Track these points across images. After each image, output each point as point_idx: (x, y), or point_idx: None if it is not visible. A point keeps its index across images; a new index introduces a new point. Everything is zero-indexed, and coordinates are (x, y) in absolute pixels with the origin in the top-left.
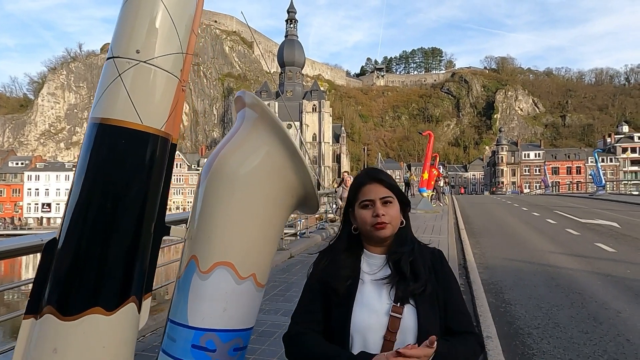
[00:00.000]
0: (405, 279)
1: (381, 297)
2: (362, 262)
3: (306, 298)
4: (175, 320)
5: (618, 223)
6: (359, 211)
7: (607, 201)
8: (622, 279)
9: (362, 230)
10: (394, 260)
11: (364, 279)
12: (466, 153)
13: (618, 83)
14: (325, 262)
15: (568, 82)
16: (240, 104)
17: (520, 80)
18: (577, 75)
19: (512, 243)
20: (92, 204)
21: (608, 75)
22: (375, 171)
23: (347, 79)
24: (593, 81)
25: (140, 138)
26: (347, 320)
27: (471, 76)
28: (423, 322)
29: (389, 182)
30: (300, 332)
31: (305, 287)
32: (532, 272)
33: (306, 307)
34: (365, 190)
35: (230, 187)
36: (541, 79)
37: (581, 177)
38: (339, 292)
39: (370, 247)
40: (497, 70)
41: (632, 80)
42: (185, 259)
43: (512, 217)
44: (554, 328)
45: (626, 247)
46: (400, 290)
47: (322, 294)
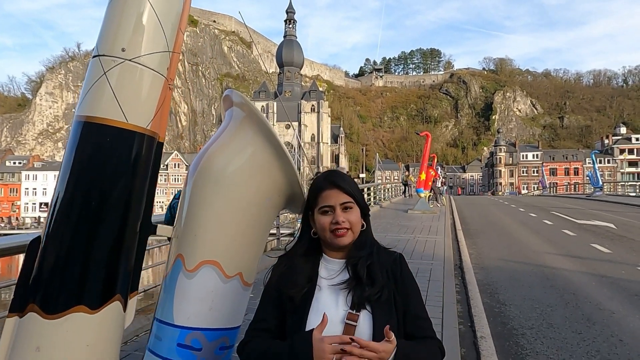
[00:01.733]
0: (362, 283)
1: (337, 303)
2: (320, 267)
3: (261, 307)
4: (161, 319)
5: (614, 224)
6: (318, 217)
7: (604, 202)
8: (616, 280)
9: (322, 235)
10: (352, 265)
11: (320, 285)
12: (464, 154)
13: (616, 85)
14: (283, 268)
15: (566, 84)
16: (227, 102)
17: (519, 81)
18: (575, 76)
19: (508, 244)
20: (77, 203)
21: (606, 76)
22: (335, 175)
23: (346, 80)
24: (591, 83)
25: (125, 136)
26: (301, 328)
27: (470, 77)
28: (378, 329)
29: (348, 189)
30: (248, 340)
31: (262, 296)
32: (527, 272)
33: (259, 315)
34: (324, 196)
35: (216, 186)
36: (539, 81)
37: (579, 179)
38: (295, 300)
39: (330, 252)
40: (495, 72)
41: (630, 82)
42: (172, 258)
43: (509, 218)
44: (547, 328)
45: (622, 248)
46: (356, 296)
47: (278, 301)
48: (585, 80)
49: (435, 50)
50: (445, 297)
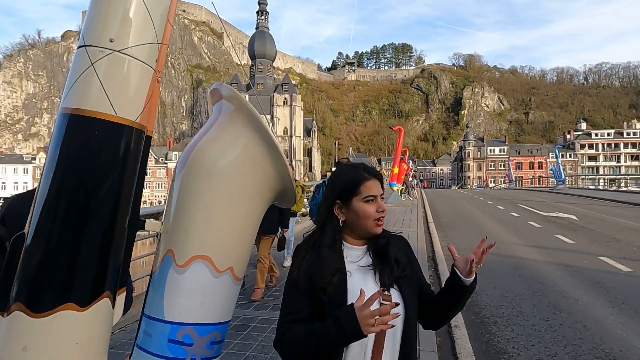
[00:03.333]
0: (390, 265)
1: (367, 284)
2: (345, 255)
3: (290, 300)
4: (150, 315)
5: (576, 216)
6: (362, 205)
7: (566, 195)
8: (579, 269)
9: (359, 224)
10: (375, 249)
11: (350, 271)
12: (435, 148)
13: (577, 82)
14: (309, 260)
15: (531, 80)
16: (216, 96)
17: (487, 77)
18: (540, 73)
19: (478, 236)
20: (64, 198)
21: (568, 74)
22: (371, 168)
23: (319, 73)
24: (555, 80)
25: (114, 130)
26: None
27: (440, 72)
28: (408, 304)
29: (382, 180)
30: (285, 331)
31: (289, 289)
32: (497, 263)
33: (290, 307)
34: (369, 186)
35: (207, 180)
36: (506, 77)
37: (543, 172)
38: (328, 290)
39: (353, 239)
40: (464, 68)
41: (590, 80)
42: (161, 253)
43: (478, 211)
44: (517, 316)
45: (583, 238)
46: (385, 276)
47: (309, 293)
48: (549, 77)
49: (407, 45)
50: None
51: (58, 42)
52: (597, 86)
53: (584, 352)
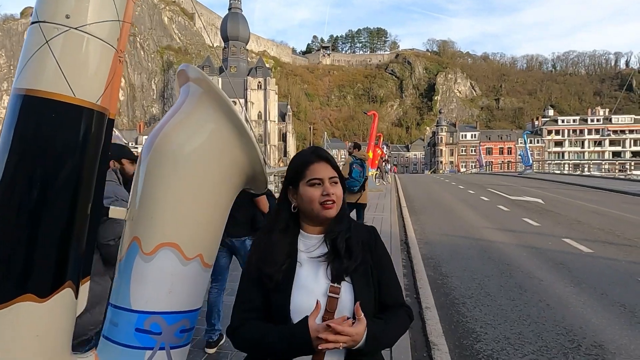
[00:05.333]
0: (341, 256)
1: (317, 276)
2: (299, 242)
3: (243, 286)
4: (117, 305)
5: (543, 199)
6: (307, 189)
7: (533, 179)
8: (544, 251)
9: (306, 209)
10: (331, 239)
11: (301, 261)
12: (408, 133)
13: (546, 69)
14: (263, 246)
15: (502, 67)
16: (183, 78)
17: (460, 63)
18: (511, 60)
19: (449, 219)
20: (19, 185)
21: (537, 61)
22: (322, 150)
23: (293, 57)
24: (524, 67)
25: (73, 112)
26: (286, 304)
27: (414, 58)
28: (359, 299)
29: (335, 163)
30: (239, 324)
31: (243, 275)
32: (467, 246)
33: (243, 296)
34: (314, 169)
35: (174, 165)
36: (478, 63)
37: (512, 157)
38: (274, 278)
39: (308, 227)
40: (438, 53)
41: (558, 67)
42: (127, 241)
43: (449, 195)
44: (485, 297)
45: (549, 221)
46: (335, 268)
47: (259, 281)
48: (519, 64)
49: (382, 30)
50: None
51: (17, 19)
52: (565, 74)
53: (547, 329)
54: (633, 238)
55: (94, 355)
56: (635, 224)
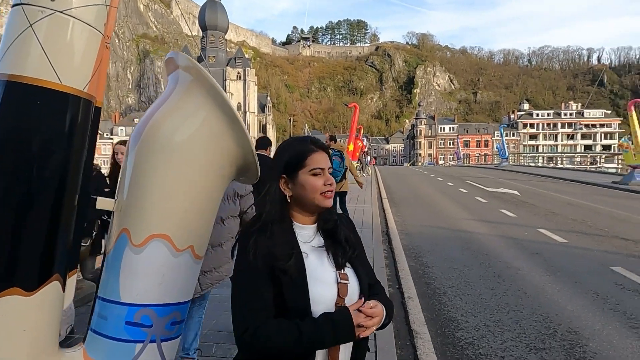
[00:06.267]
0: (341, 245)
1: (323, 265)
2: (296, 235)
3: (250, 286)
4: (105, 298)
5: (518, 191)
6: (309, 178)
7: (510, 172)
8: (521, 241)
9: (306, 198)
10: (327, 229)
11: (306, 251)
12: (388, 126)
13: (522, 64)
14: (264, 240)
15: (480, 61)
16: (172, 66)
17: (439, 57)
18: (488, 54)
19: (429, 211)
20: (2, 176)
21: (514, 56)
22: (318, 140)
23: (273, 47)
24: (501, 61)
25: (59, 99)
26: (306, 298)
27: (394, 51)
28: (362, 282)
29: (329, 153)
30: (259, 324)
31: (245, 273)
32: (446, 237)
33: (253, 296)
34: (315, 158)
35: (164, 155)
36: (457, 57)
37: (488, 150)
38: (288, 272)
39: (300, 217)
40: (417, 47)
41: (534, 62)
42: (115, 233)
43: (429, 187)
44: (465, 286)
45: (525, 212)
46: (339, 256)
47: (269, 276)
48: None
49: (362, 22)
50: (375, 262)
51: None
52: (540, 68)
53: (524, 317)
54: (604, 228)
55: (82, 349)
56: (606, 214)
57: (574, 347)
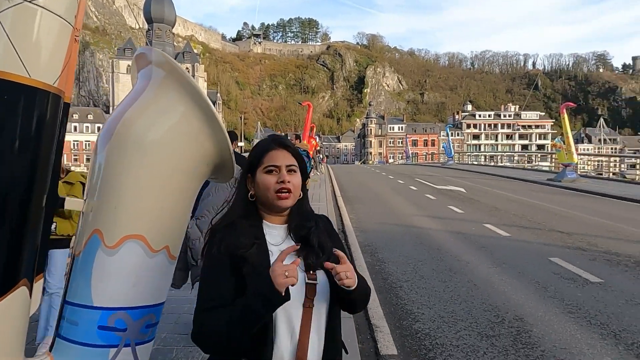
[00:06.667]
0: (314, 251)
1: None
2: (265, 233)
3: (210, 284)
4: (75, 302)
5: (464, 188)
6: (263, 177)
7: (455, 170)
8: (469, 236)
9: (262, 197)
10: (300, 235)
11: (272, 250)
12: (339, 125)
13: (465, 67)
14: (226, 233)
15: (427, 63)
16: (143, 61)
17: (388, 58)
18: (434, 57)
19: (382, 208)
20: None
21: (458, 59)
22: (282, 138)
23: (223, 43)
24: (447, 64)
25: (27, 94)
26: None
27: (345, 50)
28: (334, 282)
29: (295, 150)
30: (203, 321)
31: (208, 270)
32: (400, 233)
33: (211, 292)
34: (271, 155)
35: (138, 153)
36: (405, 58)
37: (435, 149)
38: (249, 260)
39: (269, 216)
40: (368, 47)
41: (476, 65)
42: (85, 234)
43: (381, 185)
44: (420, 280)
45: (471, 208)
46: (310, 261)
47: (231, 269)
48: (442, 61)
49: (314, 20)
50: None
51: None
52: (482, 72)
53: (475, 307)
54: (542, 222)
55: (48, 357)
56: (543, 209)
57: (520, 333)
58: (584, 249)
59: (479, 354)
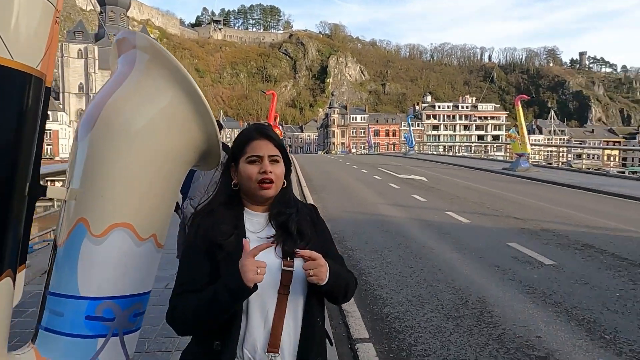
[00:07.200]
0: (292, 237)
1: (268, 255)
2: (245, 220)
3: (185, 268)
4: (60, 293)
5: (426, 177)
6: (245, 166)
7: (416, 159)
8: (432, 223)
9: (244, 187)
10: (280, 221)
11: (250, 238)
12: (302, 114)
13: (425, 59)
14: (204, 218)
15: (388, 54)
16: (125, 46)
17: (350, 48)
18: (396, 48)
19: (348, 197)
20: None
21: (418, 51)
22: (266, 127)
23: (181, 29)
24: (407, 55)
25: (10, 77)
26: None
27: (307, 39)
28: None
29: (278, 142)
30: (176, 304)
31: (184, 255)
32: (366, 221)
33: (184, 277)
34: (254, 145)
35: (126, 141)
36: (367, 49)
37: (396, 139)
38: (225, 248)
39: (251, 205)
40: (330, 36)
41: (435, 57)
42: (70, 223)
43: (345, 174)
44: (387, 266)
45: (433, 196)
46: (287, 247)
47: (207, 254)
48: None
49: (275, 8)
50: None
51: None
52: (441, 63)
53: (440, 290)
54: (499, 209)
55: (32, 350)
56: (499, 197)
57: (483, 313)
58: (538, 233)
59: (445, 334)
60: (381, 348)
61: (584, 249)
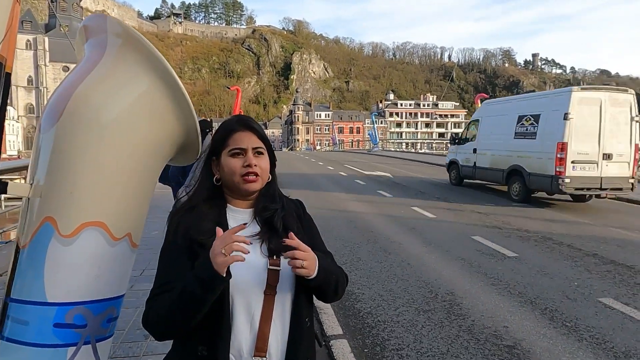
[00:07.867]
0: (278, 234)
1: (254, 253)
2: (228, 217)
3: (162, 266)
4: (23, 299)
5: (391, 174)
6: (228, 160)
7: (380, 156)
8: (399, 218)
9: (227, 181)
10: (265, 217)
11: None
12: (266, 111)
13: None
14: (185, 216)
15: (352, 52)
16: (93, 31)
17: (314, 45)
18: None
19: (315, 193)
20: None
21: (381, 49)
22: (248, 119)
23: (139, 21)
24: (370, 53)
25: None
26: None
27: (271, 35)
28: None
29: (262, 133)
30: (151, 305)
31: (162, 255)
32: (335, 217)
33: (162, 278)
34: (236, 138)
35: (96, 132)
36: (331, 46)
37: (360, 136)
38: (207, 246)
39: (235, 200)
40: (294, 33)
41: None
42: (34, 223)
43: (311, 171)
44: (357, 262)
45: (399, 192)
46: (273, 244)
47: (187, 254)
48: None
49: (238, 2)
50: None
51: None
52: (403, 62)
53: (411, 284)
54: (462, 204)
55: None
56: (462, 192)
57: (452, 306)
58: (500, 227)
59: (417, 328)
60: (355, 344)
61: (542, 241)
